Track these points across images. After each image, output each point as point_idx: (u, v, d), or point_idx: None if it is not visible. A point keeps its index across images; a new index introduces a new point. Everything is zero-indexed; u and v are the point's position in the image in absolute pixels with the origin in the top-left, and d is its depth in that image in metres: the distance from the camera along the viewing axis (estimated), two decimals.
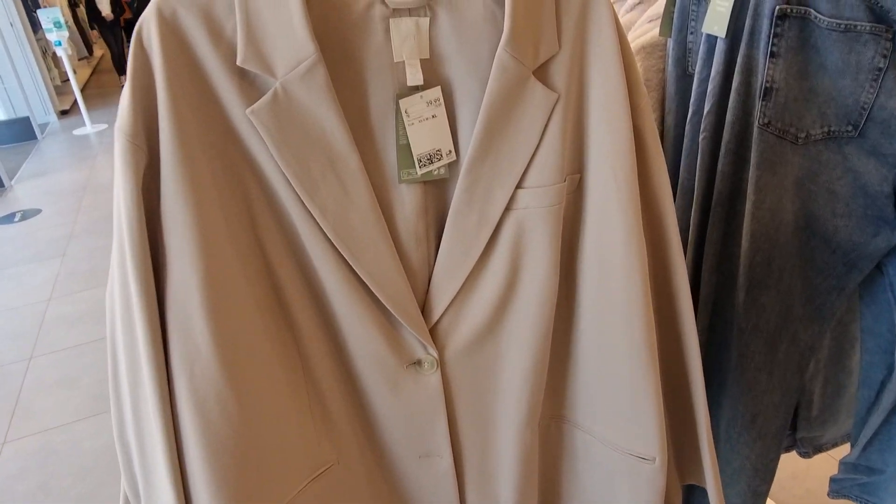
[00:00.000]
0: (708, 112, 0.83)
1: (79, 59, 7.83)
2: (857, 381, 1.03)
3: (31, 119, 5.48)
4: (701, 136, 0.85)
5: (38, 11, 5.33)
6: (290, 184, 0.51)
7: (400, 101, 0.52)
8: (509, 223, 0.57)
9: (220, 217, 0.51)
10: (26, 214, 3.81)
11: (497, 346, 0.62)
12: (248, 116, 0.49)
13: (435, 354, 0.60)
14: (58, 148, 5.20)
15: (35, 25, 6.15)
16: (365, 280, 0.55)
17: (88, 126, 5.69)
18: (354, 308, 0.56)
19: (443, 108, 0.53)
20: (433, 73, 0.53)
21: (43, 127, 5.87)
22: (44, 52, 6.36)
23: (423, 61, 0.52)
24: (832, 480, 1.10)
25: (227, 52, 0.49)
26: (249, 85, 0.50)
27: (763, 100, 0.76)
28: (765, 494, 1.02)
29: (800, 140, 0.77)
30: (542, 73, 0.54)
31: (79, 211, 3.77)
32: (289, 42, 0.48)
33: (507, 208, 0.56)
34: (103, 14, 6.54)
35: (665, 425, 0.65)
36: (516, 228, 0.57)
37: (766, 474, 1.00)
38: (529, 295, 0.59)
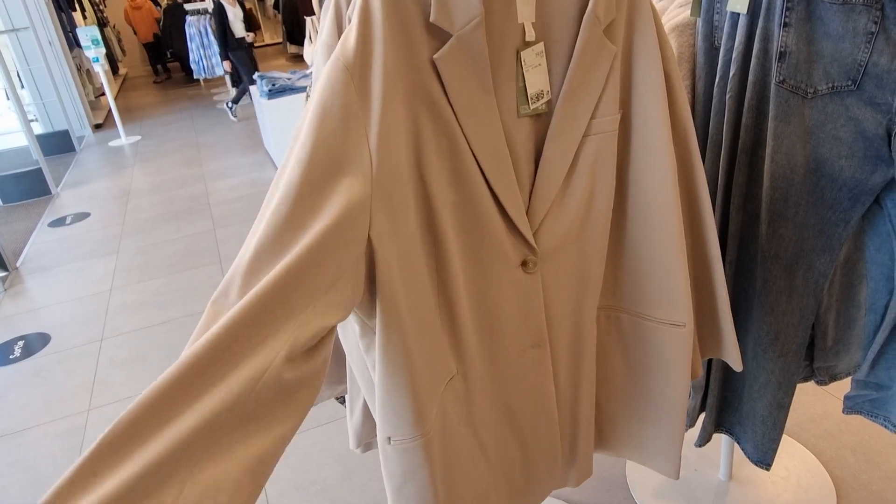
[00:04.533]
0: (732, 76, 1.02)
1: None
2: (865, 313, 1.20)
3: (69, 132, 5.75)
4: (727, 97, 1.04)
5: (77, 29, 5.62)
6: (454, 114, 0.66)
7: (521, 53, 0.71)
8: (587, 145, 0.75)
9: (399, 137, 0.65)
10: (76, 217, 4.04)
11: (577, 247, 0.80)
12: (430, 62, 0.65)
13: (536, 256, 0.77)
14: (96, 158, 5.46)
15: (70, 44, 6.44)
16: (496, 192, 0.71)
17: (123, 138, 5.96)
18: (489, 216, 0.72)
19: (544, 58, 0.72)
20: (538, 32, 0.72)
21: (80, 139, 6.14)
22: (78, 69, 6.64)
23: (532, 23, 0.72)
24: (846, 398, 1.26)
25: (420, 11, 0.64)
26: (431, 37, 0.66)
27: (778, 62, 0.95)
28: (787, 406, 1.19)
29: (809, 95, 0.96)
30: (606, 31, 0.72)
31: (125, 213, 4.00)
32: (465, 4, 0.64)
33: (585, 134, 0.75)
34: (240, 36, 5.64)
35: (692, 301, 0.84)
36: (591, 148, 0.75)
37: (788, 388, 1.17)
38: (601, 203, 0.78)
